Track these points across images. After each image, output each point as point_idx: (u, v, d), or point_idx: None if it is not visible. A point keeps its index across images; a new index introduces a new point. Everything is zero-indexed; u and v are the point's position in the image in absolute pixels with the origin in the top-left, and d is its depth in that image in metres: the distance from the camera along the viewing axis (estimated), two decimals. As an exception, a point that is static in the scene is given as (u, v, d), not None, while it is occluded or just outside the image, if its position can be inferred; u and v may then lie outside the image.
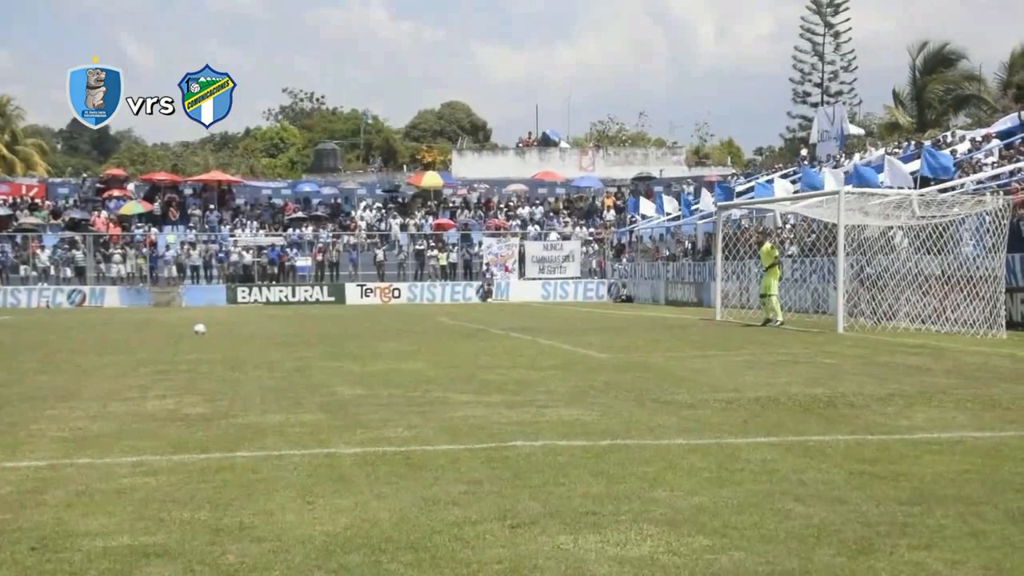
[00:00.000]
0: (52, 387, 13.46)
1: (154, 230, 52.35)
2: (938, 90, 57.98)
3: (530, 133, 76.26)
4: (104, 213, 53.44)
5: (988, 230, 22.03)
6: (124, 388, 13.22)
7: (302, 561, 5.39)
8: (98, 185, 58.08)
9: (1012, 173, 29.73)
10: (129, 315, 37.70)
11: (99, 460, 8.23)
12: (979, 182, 29.61)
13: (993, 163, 32.80)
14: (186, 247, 50.92)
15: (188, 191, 58.10)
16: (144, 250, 50.14)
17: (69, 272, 48.72)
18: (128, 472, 7.73)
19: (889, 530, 5.86)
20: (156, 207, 54.77)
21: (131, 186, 58.12)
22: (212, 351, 19.26)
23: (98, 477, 7.55)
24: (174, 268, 49.85)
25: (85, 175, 64.16)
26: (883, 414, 10.32)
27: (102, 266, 49.62)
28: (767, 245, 26.85)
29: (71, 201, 56.12)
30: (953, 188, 28.89)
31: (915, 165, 33.37)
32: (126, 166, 74.75)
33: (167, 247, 50.72)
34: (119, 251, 50.32)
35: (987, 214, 22.21)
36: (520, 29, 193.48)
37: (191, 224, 54.26)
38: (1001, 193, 24.25)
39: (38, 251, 48.88)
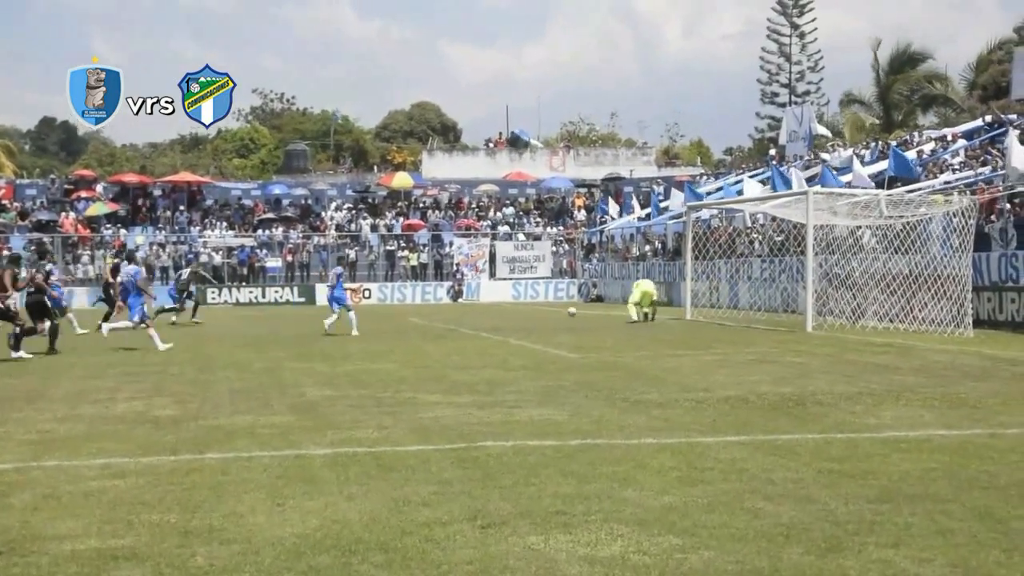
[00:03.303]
0: (19, 389, 13.35)
1: (123, 231, 51.98)
2: (903, 90, 58.38)
3: (500, 133, 76.15)
4: (72, 214, 52.99)
5: (955, 230, 22.22)
6: (93, 390, 13.12)
7: (272, 563, 5.38)
8: (66, 186, 57.53)
9: (978, 174, 30.01)
10: (97, 316, 37.31)
11: (67, 462, 8.17)
12: (946, 182, 29.85)
13: (960, 163, 33.09)
14: (155, 248, 50.59)
15: (157, 192, 57.73)
16: (113, 251, 49.72)
17: (36, 273, 48.19)
18: (96, 474, 7.67)
19: (857, 528, 5.91)
20: (124, 208, 54.35)
21: (100, 187, 57.59)
22: (181, 352, 19.15)
23: (66, 480, 7.50)
24: (143, 269, 49.45)
25: (53, 176, 63.55)
26: (851, 412, 10.40)
27: (71, 267, 49.18)
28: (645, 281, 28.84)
29: (39, 202, 55.58)
30: (921, 188, 29.12)
31: (882, 165, 33.64)
32: (94, 167, 74.08)
33: (136, 248, 50.32)
34: (88, 252, 49.91)
35: (954, 214, 22.40)
36: (488, 28, 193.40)
37: (160, 225, 53.92)
38: (968, 193, 24.47)
39: (5, 252, 48.31)
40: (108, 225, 52.56)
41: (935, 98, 57.46)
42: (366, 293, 49.11)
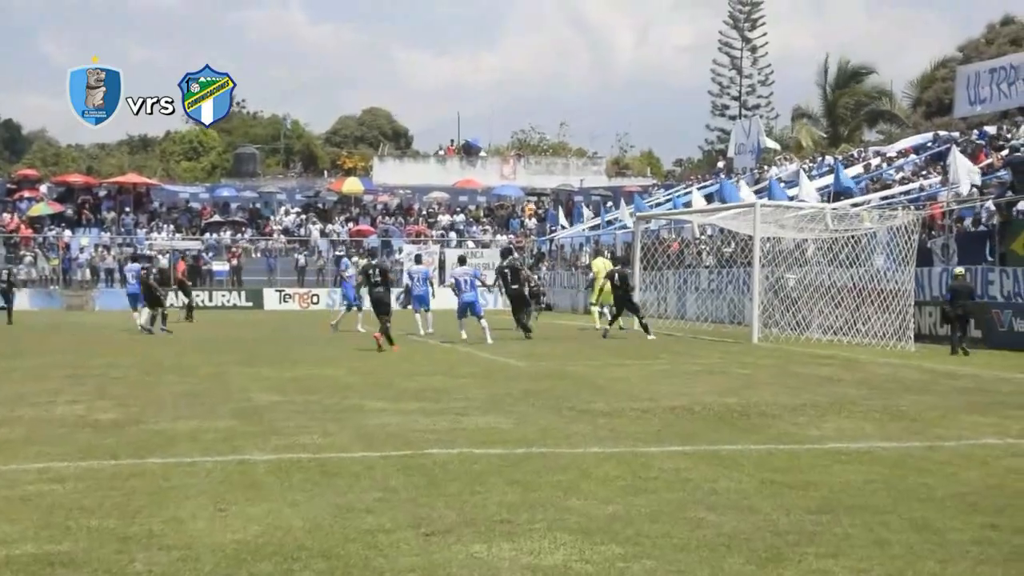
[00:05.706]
0: (-43, 392, 13.12)
1: (67, 232, 51.26)
2: (850, 104, 59.16)
3: (452, 140, 76.10)
4: (15, 214, 52.17)
5: (898, 244, 22.53)
6: (33, 393, 12.94)
7: (212, 569, 5.33)
8: (9, 186, 56.65)
9: (922, 188, 30.50)
10: (40, 318, 36.84)
11: (4, 467, 8.04)
12: (888, 197, 30.29)
13: (903, 179, 33.60)
14: (100, 250, 49.94)
15: (103, 193, 56.98)
16: (58, 252, 49.02)
17: (-24, 274, 47.36)
18: (34, 479, 7.56)
19: (798, 539, 5.97)
20: (72, 208, 53.62)
21: (43, 187, 56.72)
22: (126, 355, 18.93)
23: (2, 484, 7.38)
24: (87, 271, 48.82)
25: (-8, 175, 62.53)
26: (794, 424, 10.51)
27: (12, 268, 48.36)
28: (600, 260, 29.85)
29: (-21, 202, 54.66)
30: (867, 203, 29.52)
31: (829, 179, 34.08)
32: (39, 167, 72.95)
33: (81, 250, 49.69)
34: (31, 253, 49.15)
35: (897, 229, 22.71)
36: (441, 35, 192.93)
37: (106, 227, 53.24)
38: (912, 208, 24.84)
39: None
40: (52, 226, 51.80)
41: (880, 114, 58.36)
42: (314, 299, 48.80)
